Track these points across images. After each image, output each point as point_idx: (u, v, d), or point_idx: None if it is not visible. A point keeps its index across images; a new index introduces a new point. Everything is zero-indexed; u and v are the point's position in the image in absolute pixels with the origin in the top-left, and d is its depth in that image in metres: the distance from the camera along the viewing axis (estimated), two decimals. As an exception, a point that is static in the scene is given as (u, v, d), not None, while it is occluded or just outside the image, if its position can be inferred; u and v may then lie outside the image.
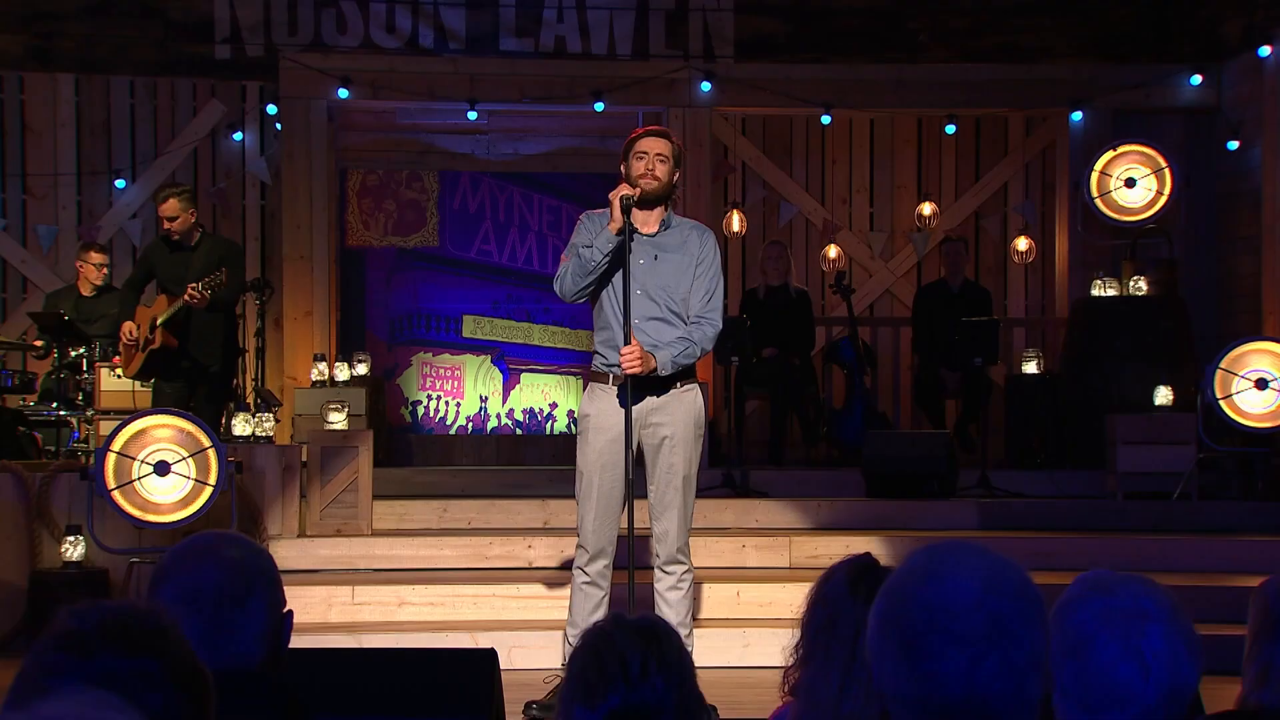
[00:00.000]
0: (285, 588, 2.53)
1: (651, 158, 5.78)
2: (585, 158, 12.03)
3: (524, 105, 11.08)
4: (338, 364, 10.15)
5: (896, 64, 11.51)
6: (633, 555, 5.64)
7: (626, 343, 5.62)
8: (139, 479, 7.13)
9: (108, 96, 11.51)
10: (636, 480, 5.71)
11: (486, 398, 11.96)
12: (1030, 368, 10.41)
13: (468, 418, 11.97)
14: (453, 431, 11.97)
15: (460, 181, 12.06)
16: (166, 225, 8.70)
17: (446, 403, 11.98)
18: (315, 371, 10.00)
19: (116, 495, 7.11)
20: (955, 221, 12.05)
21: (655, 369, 5.66)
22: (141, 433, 7.23)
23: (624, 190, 5.66)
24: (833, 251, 11.69)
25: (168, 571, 2.41)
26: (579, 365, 11.81)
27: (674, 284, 5.85)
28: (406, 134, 12.03)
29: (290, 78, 10.88)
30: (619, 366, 5.70)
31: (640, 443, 5.83)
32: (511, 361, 12.04)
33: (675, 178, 5.88)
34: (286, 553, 7.79)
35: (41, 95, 11.41)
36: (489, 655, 4.20)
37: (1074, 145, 11.43)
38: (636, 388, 5.67)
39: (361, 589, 7.26)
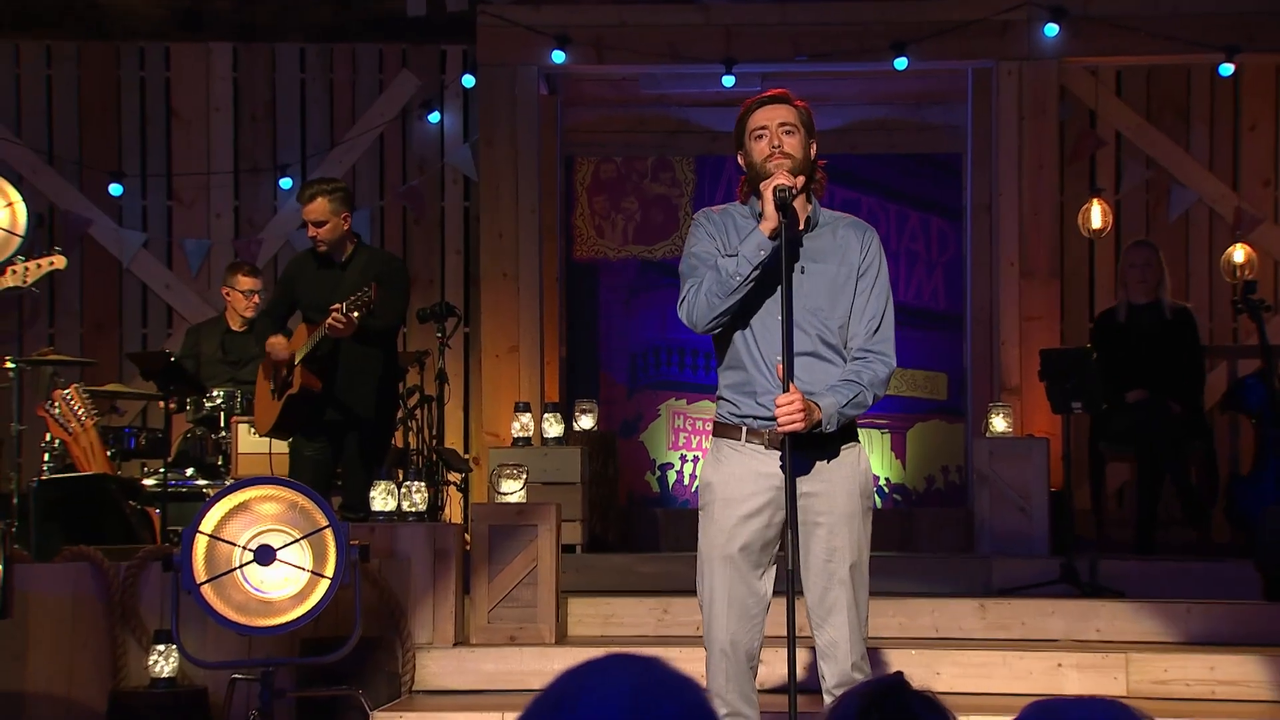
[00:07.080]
0: (431, 712, 2.70)
1: (774, 130, 5.53)
2: (892, 133, 11.98)
3: (796, 65, 10.94)
4: (548, 415, 10.10)
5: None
6: (793, 676, 5.43)
7: (785, 387, 5.39)
8: (240, 568, 7.17)
9: (272, 70, 11.89)
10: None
11: (758, 459, 11.84)
12: None
13: (734, 486, 11.86)
14: (713, 505, 11.85)
15: (724, 170, 12.03)
16: (312, 232, 8.77)
17: (706, 466, 11.89)
18: (517, 426, 10.00)
19: (207, 590, 7.13)
20: None
21: (820, 423, 5.41)
22: (241, 508, 7.25)
23: (780, 179, 5.41)
24: (1239, 254, 11.19)
25: None
26: (889, 414, 11.52)
27: (829, 305, 5.60)
28: (652, 108, 12.05)
29: (490, 39, 11.03)
30: (759, 420, 5.53)
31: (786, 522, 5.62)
32: (793, 411, 11.90)
33: (814, 153, 5.65)
34: (438, 668, 7.77)
35: (191, 71, 11.85)
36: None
37: None
38: (792, 448, 5.45)
39: (515, 717, 7.12)
